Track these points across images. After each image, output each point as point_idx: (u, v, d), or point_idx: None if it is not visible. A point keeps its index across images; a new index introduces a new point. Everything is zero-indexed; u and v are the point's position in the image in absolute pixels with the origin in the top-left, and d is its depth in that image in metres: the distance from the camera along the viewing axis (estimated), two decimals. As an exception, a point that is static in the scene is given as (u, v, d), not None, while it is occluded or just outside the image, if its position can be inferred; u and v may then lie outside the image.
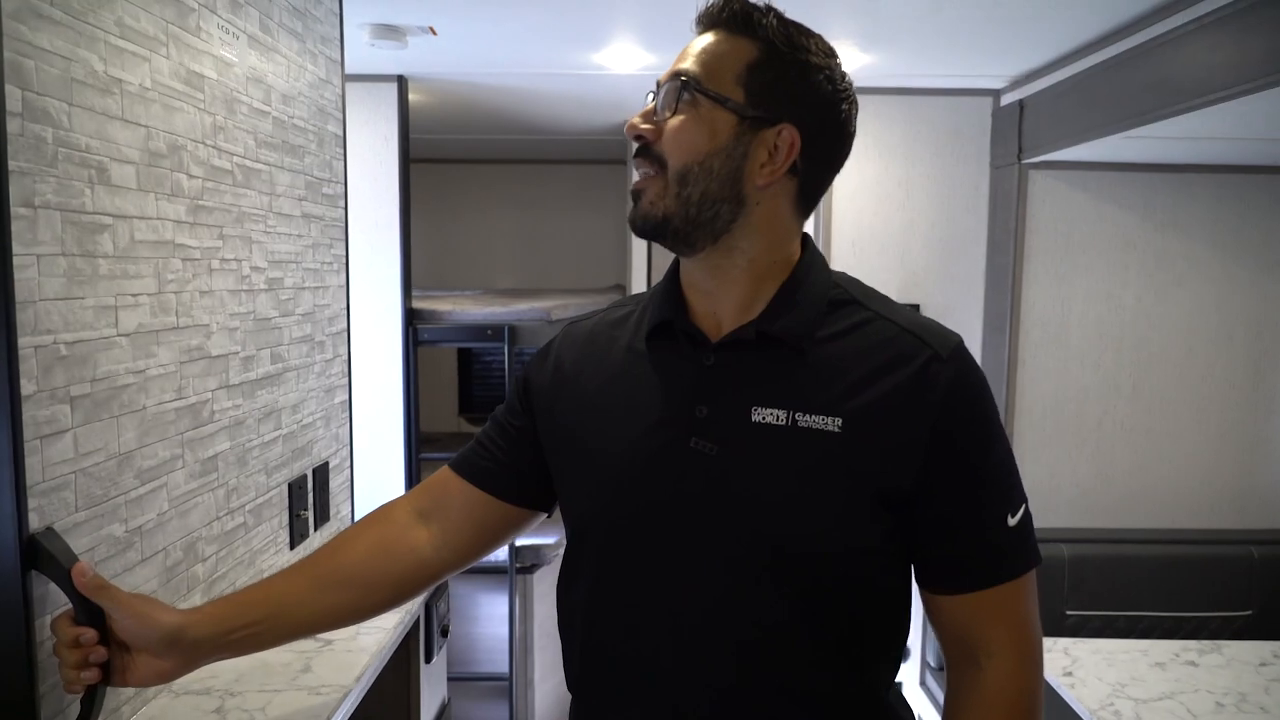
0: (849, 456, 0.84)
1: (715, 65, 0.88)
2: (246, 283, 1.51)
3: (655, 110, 0.90)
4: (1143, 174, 2.72)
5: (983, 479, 0.87)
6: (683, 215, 0.88)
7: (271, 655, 1.39)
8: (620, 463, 0.91)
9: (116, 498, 1.15)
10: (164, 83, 1.24)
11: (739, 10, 0.89)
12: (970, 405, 0.87)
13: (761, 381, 0.88)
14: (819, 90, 0.89)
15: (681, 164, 0.87)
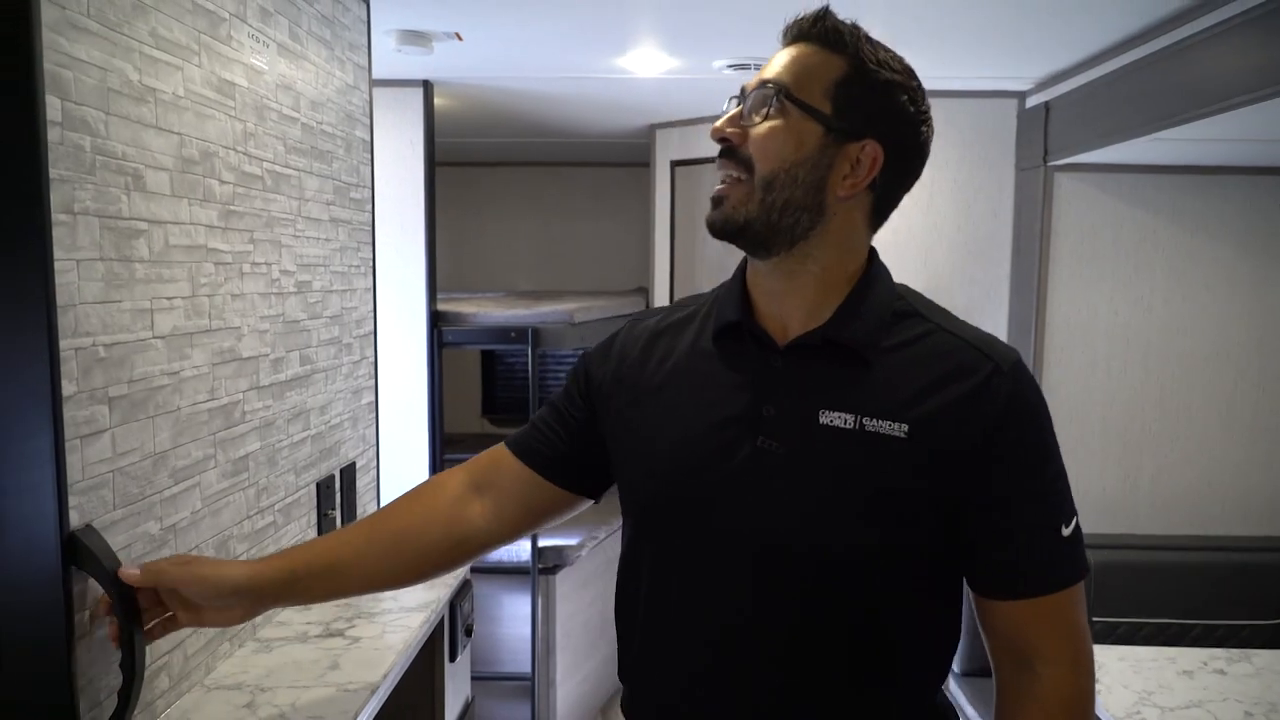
0: (914, 461, 0.87)
1: (805, 76, 0.91)
2: (276, 286, 1.54)
3: (741, 115, 0.92)
4: (1170, 176, 2.69)
5: (1039, 490, 0.90)
6: (764, 220, 0.90)
7: (301, 652, 1.42)
8: (685, 456, 0.94)
9: (152, 496, 1.18)
10: (196, 91, 1.27)
11: (830, 26, 0.93)
12: (1030, 418, 0.90)
13: (829, 386, 0.91)
14: (902, 110, 0.93)
15: (769, 170, 0.90)
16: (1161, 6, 1.95)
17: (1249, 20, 1.77)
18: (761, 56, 2.45)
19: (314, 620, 1.55)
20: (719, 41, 2.32)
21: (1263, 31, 1.74)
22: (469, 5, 2.05)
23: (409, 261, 2.85)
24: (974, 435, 0.87)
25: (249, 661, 1.38)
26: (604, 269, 4.68)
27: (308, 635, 1.49)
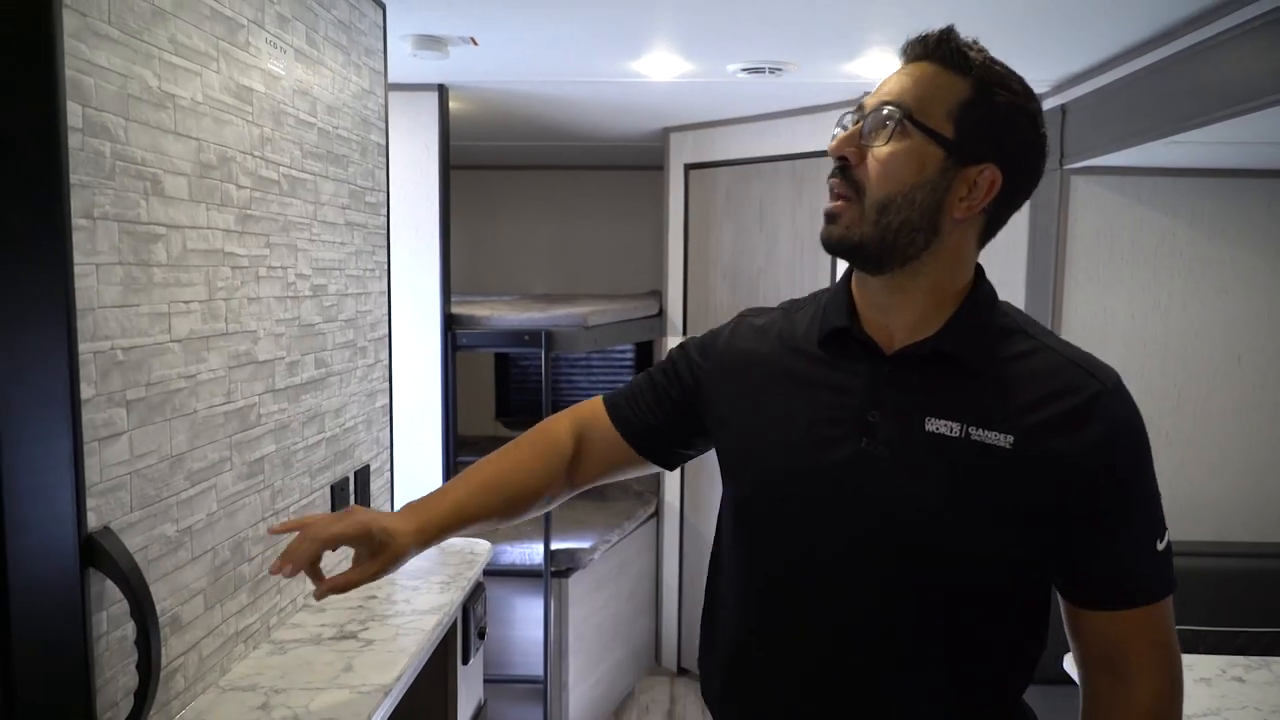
0: (1016, 472, 0.89)
1: (929, 99, 0.91)
2: (292, 289, 1.55)
3: (860, 134, 0.92)
4: (1188, 179, 2.67)
5: (1139, 506, 0.92)
6: (878, 241, 0.91)
7: (314, 654, 1.43)
8: (789, 453, 0.97)
9: (168, 498, 1.19)
10: (214, 96, 1.28)
11: (954, 47, 0.92)
12: (1130, 438, 0.92)
13: (936, 394, 0.93)
14: (1024, 135, 0.93)
15: (884, 193, 0.90)
16: (1178, 9, 1.93)
17: (1267, 23, 1.75)
18: (775, 60, 2.45)
19: (328, 622, 1.56)
20: (733, 45, 2.32)
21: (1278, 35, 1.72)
22: (484, 10, 2.05)
23: (424, 265, 2.86)
24: (1078, 451, 0.89)
25: (263, 663, 1.39)
26: (618, 272, 4.68)
27: (321, 637, 1.50)
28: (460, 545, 2.02)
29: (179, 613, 1.22)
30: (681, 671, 3.68)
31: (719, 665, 1.07)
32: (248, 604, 1.41)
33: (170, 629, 1.19)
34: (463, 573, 1.84)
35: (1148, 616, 0.93)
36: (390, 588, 1.74)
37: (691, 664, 3.65)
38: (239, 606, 1.38)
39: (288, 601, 1.56)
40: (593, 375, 4.86)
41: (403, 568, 1.78)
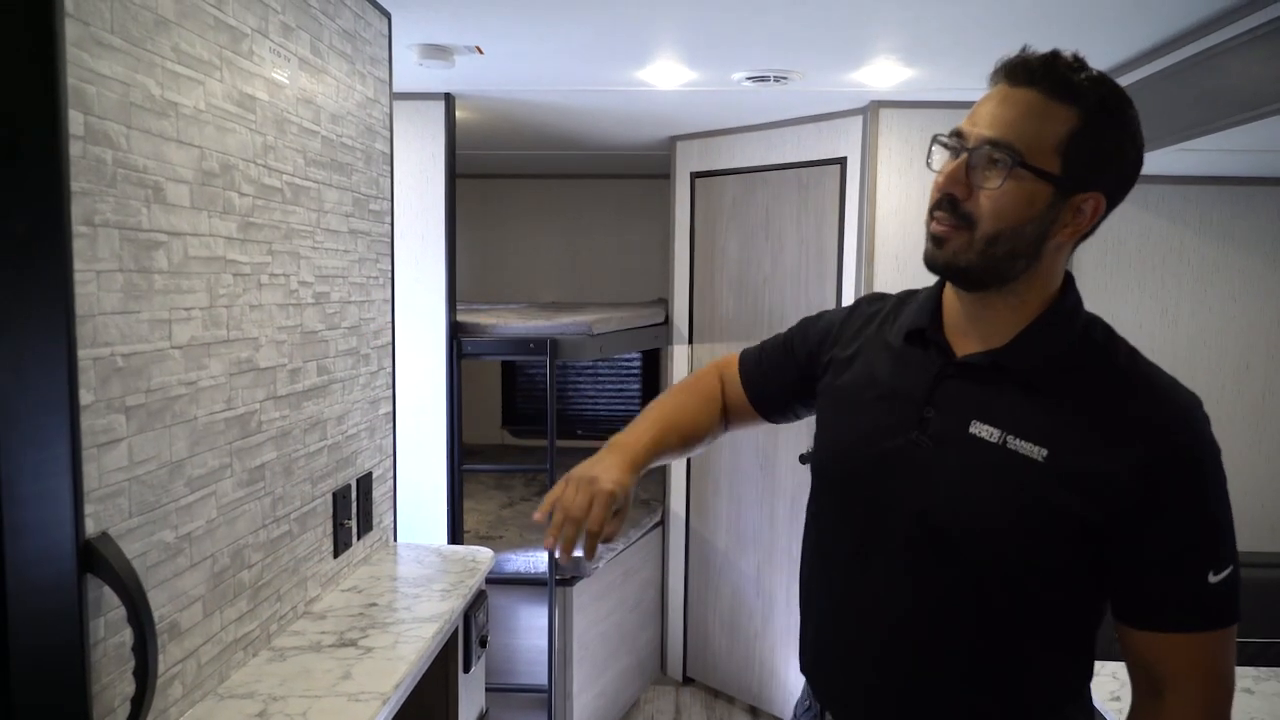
0: (1046, 484, 0.92)
1: (1036, 135, 0.91)
2: (294, 297, 1.56)
3: (965, 171, 0.94)
4: (1196, 187, 2.66)
5: (1189, 536, 0.92)
6: (983, 267, 0.96)
7: (314, 662, 1.43)
8: (856, 435, 1.07)
9: (168, 505, 1.19)
10: (217, 105, 1.29)
11: (1061, 76, 0.91)
12: (1187, 468, 0.91)
13: (987, 401, 0.98)
14: (1128, 159, 0.95)
15: (994, 229, 0.93)
16: (1184, 18, 1.93)
17: (1276, 30, 1.74)
18: (780, 69, 2.46)
19: (328, 630, 1.56)
20: (738, 54, 2.32)
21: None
22: (490, 19, 2.06)
23: (429, 273, 2.87)
24: (1122, 472, 0.90)
25: (262, 670, 1.39)
26: (624, 281, 4.69)
27: (321, 645, 1.50)
28: (463, 553, 2.02)
29: (177, 619, 1.22)
30: (687, 681, 3.66)
31: (807, 641, 1.15)
32: (247, 611, 1.41)
33: (168, 636, 1.19)
34: (464, 580, 1.83)
35: (1188, 644, 0.93)
36: (391, 595, 1.74)
37: (697, 673, 3.63)
38: (238, 614, 1.38)
39: (288, 609, 1.56)
40: (599, 383, 4.86)
41: (403, 575, 1.78)
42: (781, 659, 3.30)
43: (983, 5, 1.89)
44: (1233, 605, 0.95)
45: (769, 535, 3.32)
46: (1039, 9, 1.90)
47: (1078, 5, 1.87)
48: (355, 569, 1.86)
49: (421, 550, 2.03)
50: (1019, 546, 0.94)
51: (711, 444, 1.32)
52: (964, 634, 0.97)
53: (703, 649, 3.60)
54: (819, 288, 3.09)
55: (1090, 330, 1.00)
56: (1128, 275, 2.69)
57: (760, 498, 3.33)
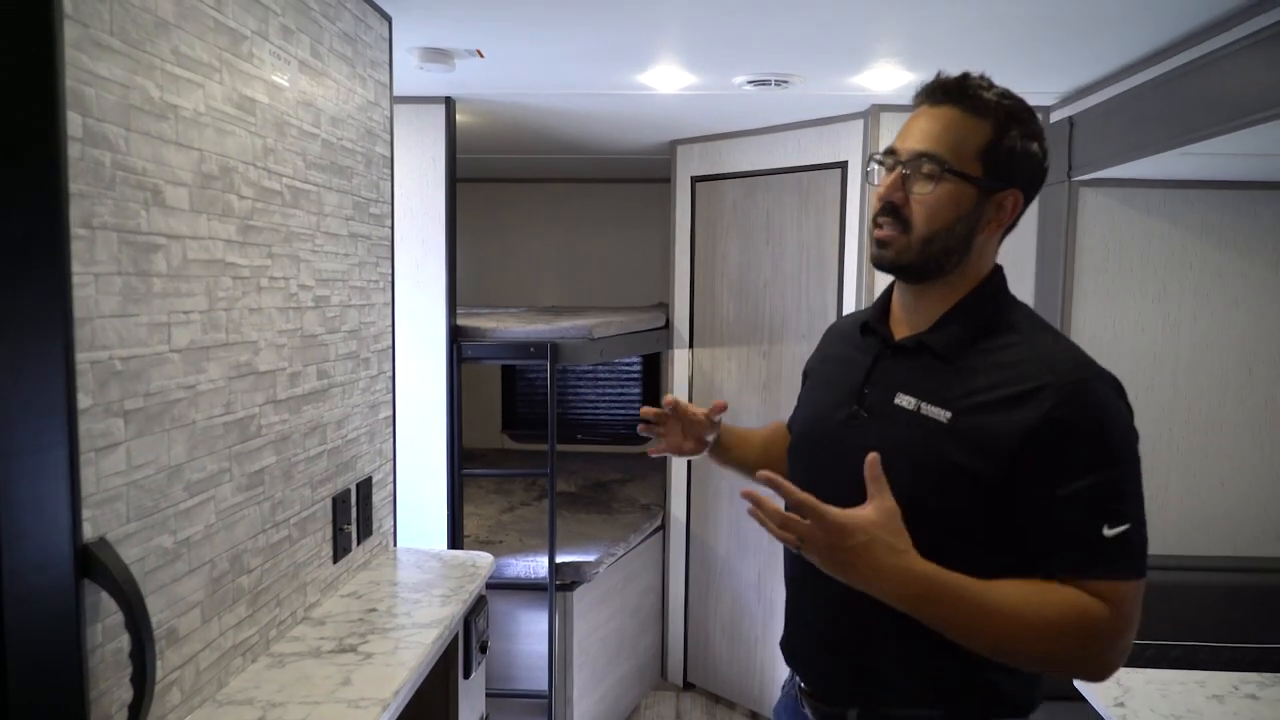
0: (947, 443, 1.06)
1: (958, 145, 1.09)
2: (294, 300, 1.55)
3: (901, 180, 1.11)
4: (1198, 191, 2.65)
5: (1080, 490, 1.01)
6: (922, 263, 1.13)
7: (313, 668, 1.42)
8: (818, 412, 1.27)
9: (166, 509, 1.18)
10: (217, 107, 1.28)
11: (974, 94, 1.10)
12: (1071, 427, 1.02)
13: (909, 376, 1.15)
14: (1035, 157, 1.12)
15: (930, 229, 1.10)
16: (1187, 21, 1.92)
17: (1277, 33, 1.74)
18: (781, 72, 2.45)
19: (327, 636, 1.55)
20: (739, 57, 2.32)
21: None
22: (490, 23, 2.06)
23: (430, 276, 2.86)
24: (1013, 432, 1.03)
25: (261, 676, 1.38)
26: (625, 285, 4.68)
27: (321, 650, 1.49)
28: (463, 558, 2.01)
29: (175, 625, 1.21)
30: (688, 686, 3.65)
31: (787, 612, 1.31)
32: (246, 616, 1.40)
33: (166, 642, 1.18)
34: (464, 586, 1.82)
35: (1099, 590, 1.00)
36: (391, 600, 1.73)
37: (698, 679, 3.62)
38: (237, 619, 1.37)
39: (287, 614, 1.55)
40: (600, 387, 4.85)
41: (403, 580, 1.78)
42: (782, 664, 3.29)
43: (983, 10, 1.88)
44: (1131, 560, 1.01)
45: (770, 541, 3.30)
46: (1039, 13, 1.90)
47: (1079, 10, 1.87)
48: (355, 574, 1.85)
49: (422, 555, 2.03)
50: (929, 500, 1.05)
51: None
52: None
53: (703, 654, 3.59)
54: (819, 292, 3.09)
55: (1006, 312, 1.15)
56: (1129, 280, 2.68)
57: (761, 502, 3.32)
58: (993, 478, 1.03)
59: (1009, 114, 1.10)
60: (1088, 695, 1.67)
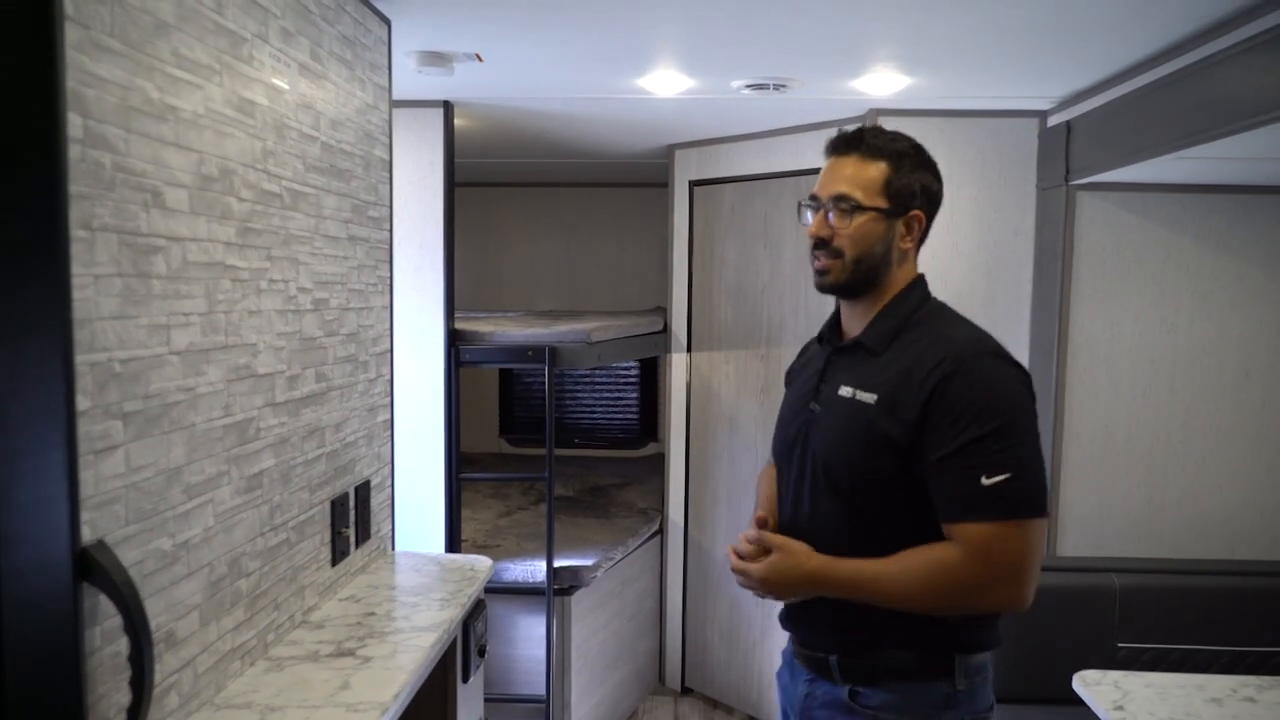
0: (875, 419, 1.31)
1: (866, 185, 1.35)
2: (293, 303, 1.55)
3: (826, 219, 1.37)
4: (1195, 195, 2.66)
5: (961, 445, 1.24)
6: (855, 281, 1.38)
7: (312, 672, 1.41)
8: (787, 413, 1.52)
9: (165, 512, 1.18)
10: (217, 109, 1.28)
11: (869, 142, 1.37)
12: (956, 393, 1.26)
13: (848, 370, 1.39)
14: (927, 178, 1.39)
15: (857, 254, 1.36)
16: (1183, 26, 1.93)
17: (1275, 38, 1.74)
18: (779, 76, 2.46)
19: (326, 639, 1.54)
20: (737, 62, 2.32)
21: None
22: (489, 27, 2.06)
23: (428, 280, 2.86)
24: (916, 405, 1.28)
25: (259, 680, 1.38)
26: (623, 289, 4.69)
27: (319, 654, 1.48)
28: (461, 561, 2.00)
29: (174, 629, 1.20)
30: (685, 691, 3.64)
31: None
32: (244, 620, 1.40)
33: (164, 645, 1.18)
34: (463, 589, 1.82)
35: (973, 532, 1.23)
36: (389, 604, 1.72)
37: (696, 683, 3.61)
38: (235, 623, 1.37)
39: (285, 618, 1.54)
40: (597, 392, 4.85)
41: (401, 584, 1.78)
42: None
43: (982, 14, 1.89)
44: (1010, 503, 1.22)
45: (768, 544, 3.30)
46: (1037, 18, 1.90)
47: (1075, 15, 1.87)
48: (353, 578, 1.84)
49: (420, 559, 2.02)
50: (861, 467, 1.32)
51: None
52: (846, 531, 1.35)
53: (701, 659, 3.58)
54: (817, 296, 3.08)
55: (921, 308, 1.39)
56: (1127, 283, 2.69)
57: (759, 506, 3.32)
58: (905, 443, 1.28)
59: (899, 153, 1.36)
60: (1087, 699, 1.67)
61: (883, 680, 1.34)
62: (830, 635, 1.39)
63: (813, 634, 1.42)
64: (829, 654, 1.38)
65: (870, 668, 1.35)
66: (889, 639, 1.33)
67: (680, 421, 3.59)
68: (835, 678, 1.37)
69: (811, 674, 1.42)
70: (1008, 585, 1.24)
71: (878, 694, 1.34)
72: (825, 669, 1.39)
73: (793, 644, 1.48)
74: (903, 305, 1.39)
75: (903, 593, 1.27)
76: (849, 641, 1.36)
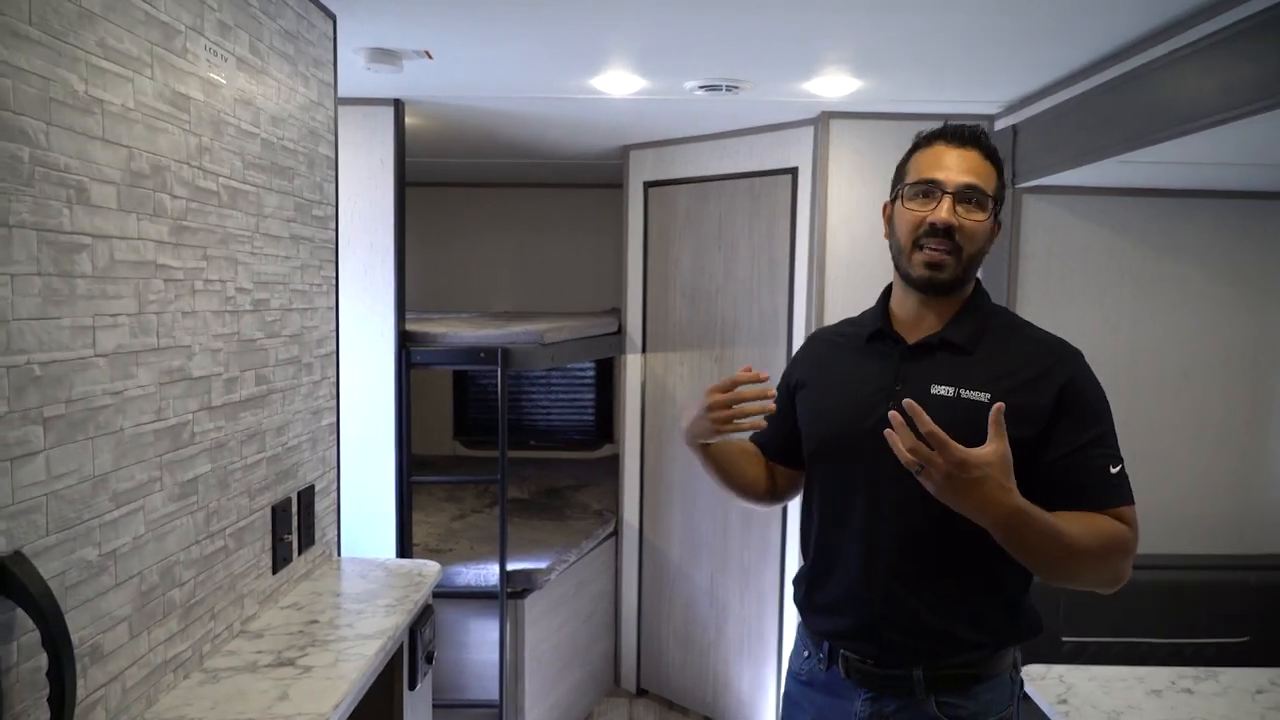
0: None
1: (988, 182, 1.33)
2: (231, 304, 1.50)
3: (954, 208, 1.31)
4: (1138, 199, 2.72)
5: (1091, 439, 1.28)
6: (961, 278, 1.35)
7: (249, 683, 1.37)
8: (846, 411, 1.39)
9: (90, 521, 1.13)
10: (147, 103, 1.24)
11: (986, 142, 1.36)
12: (1081, 392, 1.30)
13: (938, 369, 1.34)
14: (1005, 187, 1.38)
15: (974, 250, 1.34)
16: (1127, 31, 1.97)
17: (1212, 45, 1.79)
18: (732, 78, 2.46)
19: (265, 649, 1.50)
20: (690, 62, 2.32)
21: (1224, 56, 1.76)
22: (439, 24, 2.03)
23: (378, 280, 2.81)
24: (1043, 402, 1.28)
25: (193, 693, 1.33)
26: (579, 290, 4.66)
27: (257, 665, 1.44)
28: (409, 566, 1.97)
29: (100, 641, 1.16)
30: (641, 693, 3.63)
31: (804, 576, 1.46)
32: (178, 631, 1.35)
33: (90, 659, 1.13)
34: (409, 595, 1.78)
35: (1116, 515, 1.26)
36: (333, 612, 1.68)
37: (651, 685, 3.60)
38: (168, 634, 1.32)
39: (223, 628, 1.50)
40: (553, 394, 4.82)
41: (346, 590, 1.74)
42: (735, 669, 3.29)
43: (930, 18, 1.91)
44: (1130, 491, 1.30)
45: (722, 546, 3.31)
46: (983, 23, 1.93)
47: (1022, 20, 1.90)
48: (296, 585, 1.80)
49: (366, 564, 1.98)
50: None
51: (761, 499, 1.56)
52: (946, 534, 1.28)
53: (656, 660, 3.58)
54: (771, 297, 3.10)
55: (996, 312, 1.41)
56: (1071, 285, 2.74)
57: (713, 508, 3.32)
58: (1031, 438, 1.26)
59: (1000, 161, 1.36)
60: (1032, 693, 1.69)
61: (968, 684, 1.33)
62: (911, 648, 1.33)
63: (886, 650, 1.34)
64: (912, 668, 1.33)
65: (956, 675, 1.33)
66: (969, 642, 1.32)
67: (635, 423, 3.58)
68: (919, 692, 1.32)
69: (873, 692, 1.35)
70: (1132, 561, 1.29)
71: (966, 700, 1.32)
72: (905, 684, 1.33)
73: (843, 661, 1.38)
74: (981, 304, 1.40)
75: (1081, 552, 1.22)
76: (933, 651, 1.32)
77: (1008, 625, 1.35)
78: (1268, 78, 1.64)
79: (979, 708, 1.33)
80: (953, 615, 1.32)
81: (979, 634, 1.33)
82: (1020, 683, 1.41)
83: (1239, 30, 1.71)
